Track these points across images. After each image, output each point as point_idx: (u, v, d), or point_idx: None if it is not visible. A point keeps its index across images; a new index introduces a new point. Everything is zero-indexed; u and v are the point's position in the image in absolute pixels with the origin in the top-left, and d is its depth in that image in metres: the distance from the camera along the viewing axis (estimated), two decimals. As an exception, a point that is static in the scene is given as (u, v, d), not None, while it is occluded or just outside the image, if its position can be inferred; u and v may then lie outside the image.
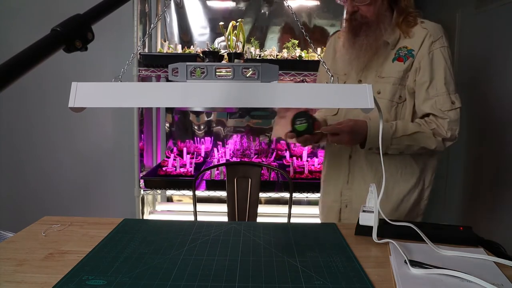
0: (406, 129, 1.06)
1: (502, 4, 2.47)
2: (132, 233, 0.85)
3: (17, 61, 0.41)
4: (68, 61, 2.21)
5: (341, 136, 1.02)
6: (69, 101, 0.60)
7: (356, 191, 1.16)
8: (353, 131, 1.02)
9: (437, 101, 1.07)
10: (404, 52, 1.10)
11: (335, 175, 1.21)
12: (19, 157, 2.56)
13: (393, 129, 1.05)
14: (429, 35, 1.09)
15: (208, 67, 0.64)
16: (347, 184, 1.18)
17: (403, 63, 1.09)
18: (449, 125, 1.06)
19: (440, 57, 1.08)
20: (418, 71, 1.08)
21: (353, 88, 0.66)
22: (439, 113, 1.06)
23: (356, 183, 1.16)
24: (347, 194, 1.18)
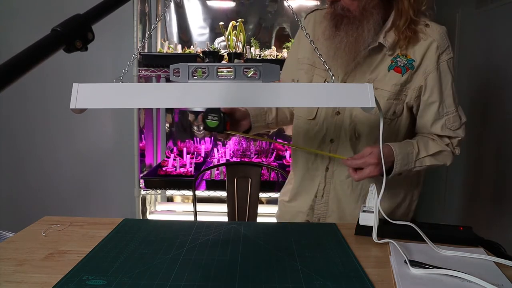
0: (428, 148, 0.98)
1: (502, 3, 2.47)
2: (132, 233, 0.85)
3: (17, 61, 0.41)
4: (68, 61, 2.22)
5: (368, 170, 0.89)
6: (70, 102, 0.60)
7: (332, 205, 1.07)
8: (380, 162, 0.87)
9: (447, 121, 0.99)
10: (403, 62, 0.96)
11: (308, 186, 1.10)
12: (19, 157, 2.56)
13: (416, 150, 0.96)
14: (436, 46, 0.95)
15: (210, 67, 0.64)
16: (321, 198, 1.07)
17: (401, 75, 0.95)
18: (459, 143, 1.02)
19: (447, 72, 0.97)
20: (425, 89, 0.97)
21: (354, 87, 0.66)
22: (450, 133, 1.00)
23: (333, 197, 1.06)
24: (321, 209, 1.08)
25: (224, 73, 0.64)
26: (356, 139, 1.02)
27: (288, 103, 0.65)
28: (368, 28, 0.91)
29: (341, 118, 1.02)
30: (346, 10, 0.91)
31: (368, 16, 0.91)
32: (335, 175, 1.06)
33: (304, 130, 1.09)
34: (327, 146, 1.05)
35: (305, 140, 1.10)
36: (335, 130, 1.03)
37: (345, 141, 1.03)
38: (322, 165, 1.07)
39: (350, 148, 1.03)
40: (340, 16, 0.92)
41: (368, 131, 1.01)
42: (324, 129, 1.05)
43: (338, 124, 1.03)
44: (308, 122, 1.07)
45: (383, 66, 0.97)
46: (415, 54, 0.96)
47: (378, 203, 0.83)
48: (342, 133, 1.03)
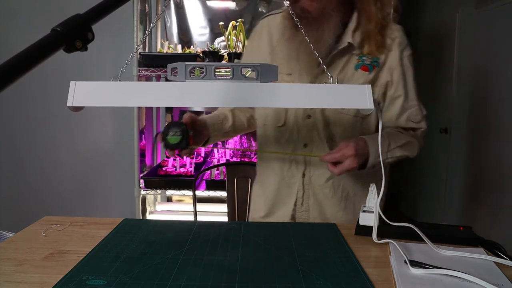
0: (397, 140, 0.99)
1: (502, 3, 2.47)
2: (132, 233, 0.85)
3: (17, 61, 0.41)
4: (68, 61, 2.22)
5: (348, 162, 0.88)
6: (67, 100, 0.60)
7: (313, 212, 1.05)
8: (358, 154, 0.89)
9: (410, 114, 1.02)
10: (370, 60, 0.97)
11: (285, 196, 1.06)
12: (19, 157, 2.57)
13: (387, 141, 0.97)
14: (398, 43, 0.98)
15: (208, 67, 0.64)
16: (302, 206, 1.05)
17: (368, 73, 0.97)
18: (422, 133, 1.04)
19: (409, 67, 1.01)
20: (390, 85, 1.00)
21: (352, 88, 0.66)
22: (414, 126, 1.03)
23: (313, 204, 1.04)
24: (302, 217, 1.05)
25: (222, 73, 0.64)
26: (332, 140, 1.01)
27: (286, 103, 0.65)
28: (328, 29, 0.91)
29: (313, 121, 1.00)
30: (306, 11, 0.90)
31: (327, 18, 0.92)
32: (313, 180, 1.03)
33: (273, 138, 1.05)
34: (301, 152, 1.03)
35: (276, 148, 1.06)
36: (307, 134, 1.01)
37: (321, 143, 1.01)
38: (298, 171, 1.04)
39: (327, 150, 1.01)
40: (299, 17, 0.91)
41: (342, 130, 1.00)
42: (295, 134, 1.02)
43: (310, 128, 1.01)
44: (278, 129, 1.03)
45: (350, 66, 0.98)
46: (379, 53, 0.98)
47: (378, 203, 0.83)
48: (315, 136, 1.01)
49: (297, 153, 1.02)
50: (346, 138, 0.98)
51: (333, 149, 0.99)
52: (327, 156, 0.90)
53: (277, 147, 1.05)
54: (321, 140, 1.01)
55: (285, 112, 1.01)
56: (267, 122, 1.05)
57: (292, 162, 1.04)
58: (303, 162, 1.03)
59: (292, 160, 1.04)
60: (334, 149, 0.91)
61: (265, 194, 1.10)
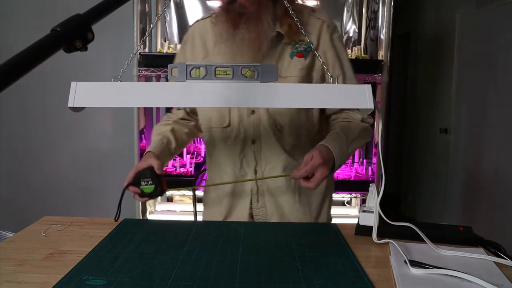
0: (351, 132, 0.99)
1: (502, 3, 2.47)
2: (132, 233, 0.85)
3: (17, 61, 0.41)
4: (68, 61, 2.21)
5: (320, 172, 0.88)
6: (68, 100, 0.60)
7: (270, 208, 1.04)
8: (325, 160, 0.89)
9: None
10: (303, 47, 0.99)
11: (241, 196, 1.05)
12: (19, 157, 2.57)
13: (344, 137, 0.97)
14: (326, 26, 1.00)
15: (208, 67, 0.64)
16: (257, 203, 1.05)
17: (304, 59, 0.98)
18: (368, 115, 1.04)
19: (342, 48, 1.03)
20: (327, 67, 0.99)
21: (352, 88, 0.66)
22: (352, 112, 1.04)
23: (269, 199, 1.04)
24: (259, 214, 1.05)
25: (222, 73, 0.64)
26: (280, 132, 1.01)
27: (286, 103, 0.65)
28: (267, 21, 0.93)
29: (258, 116, 1.00)
30: (244, 8, 0.92)
31: (264, 9, 0.93)
32: (266, 175, 1.03)
33: (221, 141, 1.05)
34: (250, 149, 1.02)
35: (225, 150, 1.05)
36: (254, 130, 1.01)
37: (268, 137, 1.01)
38: (250, 169, 1.04)
39: (276, 142, 1.01)
40: (238, 15, 0.93)
41: (289, 121, 1.00)
42: (242, 133, 1.02)
43: (256, 123, 1.01)
44: (224, 131, 1.03)
45: (285, 55, 0.99)
46: (311, 37, 0.99)
47: (378, 203, 0.83)
48: (262, 131, 1.01)
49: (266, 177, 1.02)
50: (295, 127, 1.00)
51: (283, 140, 1.01)
52: (297, 173, 0.89)
53: (226, 149, 1.04)
54: (268, 134, 1.00)
55: (229, 112, 1.01)
56: (213, 125, 1.04)
57: (243, 161, 1.04)
58: (253, 159, 1.03)
59: (242, 158, 1.03)
60: (301, 165, 0.90)
61: (220, 199, 1.09)
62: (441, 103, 3.27)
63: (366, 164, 2.36)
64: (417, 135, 3.76)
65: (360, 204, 2.40)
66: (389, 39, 2.06)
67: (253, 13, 0.92)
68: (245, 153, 1.03)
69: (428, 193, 3.54)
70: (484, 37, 2.72)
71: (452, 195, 3.15)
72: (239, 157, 1.04)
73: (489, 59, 2.67)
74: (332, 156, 0.92)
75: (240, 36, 0.93)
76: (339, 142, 0.95)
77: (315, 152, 0.89)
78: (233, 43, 0.95)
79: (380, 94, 2.15)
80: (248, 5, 0.92)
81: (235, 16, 0.93)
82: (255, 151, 1.02)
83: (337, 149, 0.93)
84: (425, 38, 3.61)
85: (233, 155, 1.04)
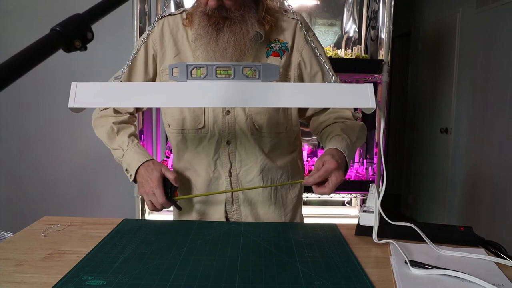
0: (351, 131, 0.98)
1: (503, 3, 2.47)
2: (132, 233, 0.84)
3: (16, 61, 0.40)
4: (67, 61, 2.21)
5: (335, 177, 0.86)
6: (68, 101, 0.60)
7: (245, 210, 1.03)
8: (340, 164, 0.87)
9: None
10: (278, 46, 0.99)
11: (215, 198, 1.03)
12: (19, 157, 2.56)
13: (348, 139, 0.96)
14: (299, 25, 0.99)
15: (209, 66, 0.64)
16: (232, 206, 1.03)
17: (280, 58, 0.98)
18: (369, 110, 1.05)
19: (318, 45, 1.02)
20: (304, 64, 1.00)
21: (353, 88, 0.66)
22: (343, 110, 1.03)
23: (243, 202, 1.02)
24: (234, 216, 1.03)
25: (223, 72, 0.64)
26: (258, 131, 0.99)
27: (287, 103, 0.65)
28: (251, 22, 0.93)
29: (233, 116, 0.99)
30: (229, 11, 0.91)
31: (248, 10, 0.93)
32: (241, 178, 1.01)
33: (195, 143, 1.02)
34: (225, 150, 1.00)
35: (198, 152, 1.02)
36: (229, 130, 0.99)
37: (245, 137, 0.99)
38: (224, 171, 1.01)
39: (254, 143, 0.99)
40: (223, 18, 0.91)
41: (267, 119, 0.99)
42: (216, 134, 1.00)
43: (231, 124, 0.99)
44: (198, 132, 1.00)
45: (262, 55, 0.99)
46: (285, 36, 1.00)
47: (378, 203, 0.83)
48: (238, 131, 0.99)
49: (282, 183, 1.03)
50: (273, 125, 0.99)
51: (262, 140, 1.00)
52: (310, 179, 0.86)
53: (199, 151, 1.02)
54: (245, 134, 0.99)
55: (203, 112, 0.99)
56: (186, 126, 1.01)
57: (217, 162, 1.01)
58: (228, 160, 1.01)
59: (216, 160, 1.01)
60: (312, 171, 0.88)
61: (192, 203, 1.06)
62: (441, 103, 3.27)
63: (366, 164, 2.36)
64: (418, 135, 3.76)
65: (360, 204, 2.40)
66: (389, 38, 2.06)
67: (237, 17, 0.91)
68: (219, 154, 1.01)
69: (429, 193, 3.54)
70: (484, 36, 2.72)
71: (452, 195, 3.14)
72: (213, 159, 1.01)
73: (489, 59, 2.67)
74: (344, 158, 0.91)
75: (225, 39, 0.91)
76: (346, 144, 0.94)
77: (326, 157, 0.87)
78: (217, 45, 0.93)
79: (380, 94, 2.15)
80: (234, 8, 0.91)
81: (219, 20, 0.91)
82: (229, 152, 1.00)
83: (347, 151, 0.92)
84: (425, 37, 3.61)
85: (207, 156, 1.01)
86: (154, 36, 1.03)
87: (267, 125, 0.99)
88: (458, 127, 3.06)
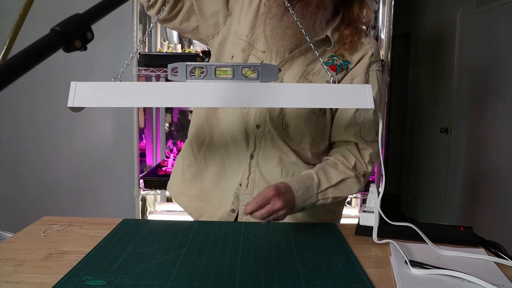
0: (330, 177, 0.92)
1: (503, 3, 2.47)
2: (132, 233, 0.84)
3: (16, 61, 0.41)
4: (67, 61, 2.21)
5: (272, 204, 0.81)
6: (68, 100, 0.60)
7: None
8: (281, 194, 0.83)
9: (362, 129, 0.95)
10: (340, 62, 0.95)
11: (231, 172, 1.00)
12: (18, 157, 2.56)
13: (316, 181, 0.90)
14: (371, 54, 0.96)
15: (208, 66, 0.64)
16: (246, 188, 0.99)
17: (335, 73, 0.95)
18: (370, 157, 0.97)
19: (375, 81, 0.97)
20: None
21: (352, 88, 0.66)
22: (361, 143, 0.96)
23: (259, 188, 0.98)
24: (246, 200, 0.98)
25: (222, 73, 0.64)
26: (285, 131, 0.97)
27: (286, 103, 0.65)
28: (320, 20, 0.89)
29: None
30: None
31: (323, 8, 0.89)
32: (261, 163, 0.98)
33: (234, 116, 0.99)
34: (252, 132, 0.97)
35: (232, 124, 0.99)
36: (260, 115, 0.97)
37: (272, 128, 0.96)
38: (247, 151, 0.98)
39: (278, 138, 0.97)
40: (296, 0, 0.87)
41: (296, 122, 0.96)
42: (252, 113, 0.97)
43: (263, 108, 0.97)
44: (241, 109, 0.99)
45: (319, 62, 0.95)
46: (352, 57, 0.96)
47: (378, 203, 0.83)
48: (268, 119, 0.96)
49: None
50: (299, 131, 0.96)
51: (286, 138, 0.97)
52: (248, 206, 0.81)
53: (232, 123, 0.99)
54: (274, 125, 0.96)
55: None
56: None
57: (243, 138, 0.98)
58: (253, 142, 0.98)
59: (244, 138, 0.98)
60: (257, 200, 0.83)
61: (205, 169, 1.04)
62: (441, 103, 3.27)
63: (366, 164, 2.36)
64: (418, 135, 3.76)
65: (360, 204, 2.40)
66: (389, 38, 2.06)
67: (310, 5, 0.87)
68: (248, 133, 0.98)
69: (429, 193, 3.54)
70: (484, 37, 2.72)
71: (452, 195, 3.14)
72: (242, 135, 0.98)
73: (489, 59, 2.67)
74: (292, 195, 0.86)
75: (290, 21, 0.86)
76: (306, 185, 0.89)
77: (271, 186, 0.84)
78: (279, 22, 0.89)
79: (380, 94, 2.15)
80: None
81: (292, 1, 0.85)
82: (256, 136, 0.97)
83: (300, 192, 0.87)
84: (425, 37, 3.61)
85: (237, 131, 0.98)
86: None
87: (294, 128, 0.96)
88: (458, 127, 3.06)
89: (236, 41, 0.99)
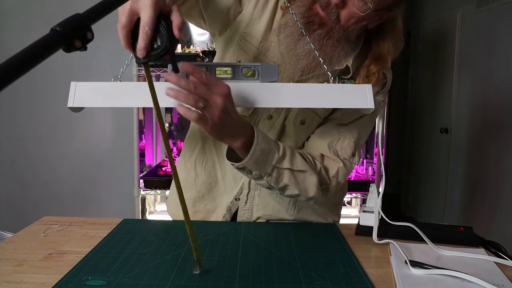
0: (294, 161, 0.79)
1: (503, 3, 2.47)
2: (132, 233, 0.84)
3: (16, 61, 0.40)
4: (67, 61, 2.21)
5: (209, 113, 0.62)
6: (68, 100, 0.60)
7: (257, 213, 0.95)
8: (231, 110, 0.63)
9: (341, 143, 0.86)
10: None
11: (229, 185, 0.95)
12: (18, 157, 2.56)
13: (281, 154, 0.76)
14: (381, 84, 0.88)
15: (208, 66, 0.64)
16: (245, 204, 0.96)
17: None
18: (337, 173, 0.86)
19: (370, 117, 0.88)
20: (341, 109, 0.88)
21: (353, 88, 0.66)
22: (331, 156, 0.86)
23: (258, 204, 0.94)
24: (244, 216, 0.96)
25: (222, 72, 0.64)
26: (300, 125, 0.89)
27: (286, 103, 0.65)
28: (339, 54, 0.80)
29: None
30: (335, 21, 0.75)
31: (345, 42, 0.80)
32: None
33: None
34: (263, 122, 0.90)
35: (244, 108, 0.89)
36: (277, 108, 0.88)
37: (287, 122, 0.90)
38: None
39: (294, 132, 0.90)
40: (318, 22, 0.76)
41: (310, 120, 0.89)
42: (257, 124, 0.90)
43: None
44: None
45: None
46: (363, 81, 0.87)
47: (378, 203, 0.83)
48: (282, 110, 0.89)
49: None
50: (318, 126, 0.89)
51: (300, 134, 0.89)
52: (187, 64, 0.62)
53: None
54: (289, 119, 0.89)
55: None
56: None
57: None
58: None
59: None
60: None
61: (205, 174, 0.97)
62: (441, 103, 3.26)
63: (366, 164, 2.36)
64: (418, 135, 3.76)
65: (360, 204, 2.40)
66: (389, 39, 2.06)
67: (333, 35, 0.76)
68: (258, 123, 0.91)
69: (429, 193, 3.54)
70: (484, 36, 2.72)
71: (452, 195, 3.14)
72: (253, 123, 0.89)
73: (489, 59, 2.67)
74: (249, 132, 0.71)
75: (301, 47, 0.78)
76: (269, 148, 0.75)
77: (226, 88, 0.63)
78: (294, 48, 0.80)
79: (380, 94, 2.15)
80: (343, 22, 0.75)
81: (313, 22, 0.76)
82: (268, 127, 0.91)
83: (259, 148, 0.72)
84: (425, 37, 3.61)
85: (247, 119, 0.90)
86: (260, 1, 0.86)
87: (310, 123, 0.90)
88: (458, 127, 3.06)
89: (244, 44, 0.88)
